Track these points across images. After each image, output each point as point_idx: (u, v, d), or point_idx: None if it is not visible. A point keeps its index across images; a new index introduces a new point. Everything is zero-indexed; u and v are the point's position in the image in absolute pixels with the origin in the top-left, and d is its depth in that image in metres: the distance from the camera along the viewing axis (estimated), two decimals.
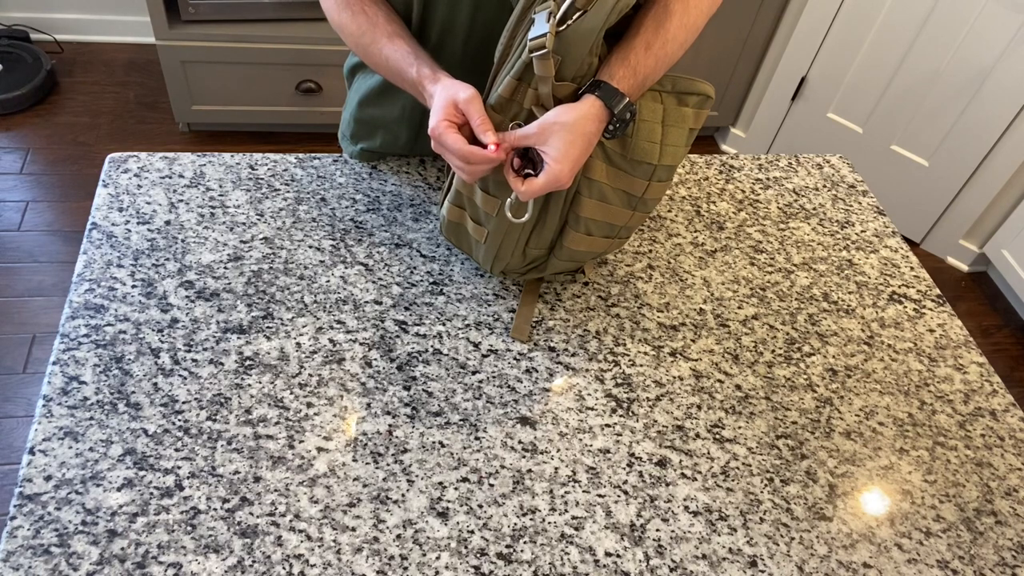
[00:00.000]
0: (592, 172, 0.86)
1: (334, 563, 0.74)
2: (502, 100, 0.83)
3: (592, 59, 0.81)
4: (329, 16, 0.96)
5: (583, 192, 0.88)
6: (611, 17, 0.78)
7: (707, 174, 1.23)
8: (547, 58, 0.78)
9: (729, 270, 1.09)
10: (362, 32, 0.93)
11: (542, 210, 0.90)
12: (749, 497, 0.85)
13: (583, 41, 0.78)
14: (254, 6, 2.17)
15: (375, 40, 0.92)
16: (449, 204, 0.93)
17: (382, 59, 0.92)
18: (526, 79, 0.81)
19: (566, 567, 0.77)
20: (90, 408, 0.82)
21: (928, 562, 0.83)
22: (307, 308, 0.94)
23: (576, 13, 0.77)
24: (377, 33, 0.92)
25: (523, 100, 0.82)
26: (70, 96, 2.50)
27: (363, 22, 0.93)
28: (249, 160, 1.10)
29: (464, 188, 0.90)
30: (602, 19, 0.77)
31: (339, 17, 0.94)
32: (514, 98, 0.83)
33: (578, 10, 0.77)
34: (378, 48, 0.92)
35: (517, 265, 0.96)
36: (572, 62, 0.79)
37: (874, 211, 1.24)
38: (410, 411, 0.87)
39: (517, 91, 0.82)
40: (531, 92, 0.82)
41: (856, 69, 2.33)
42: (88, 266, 0.94)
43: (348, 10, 0.93)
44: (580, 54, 0.79)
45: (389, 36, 0.92)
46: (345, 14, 0.94)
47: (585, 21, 0.77)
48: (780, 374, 0.98)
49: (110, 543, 0.73)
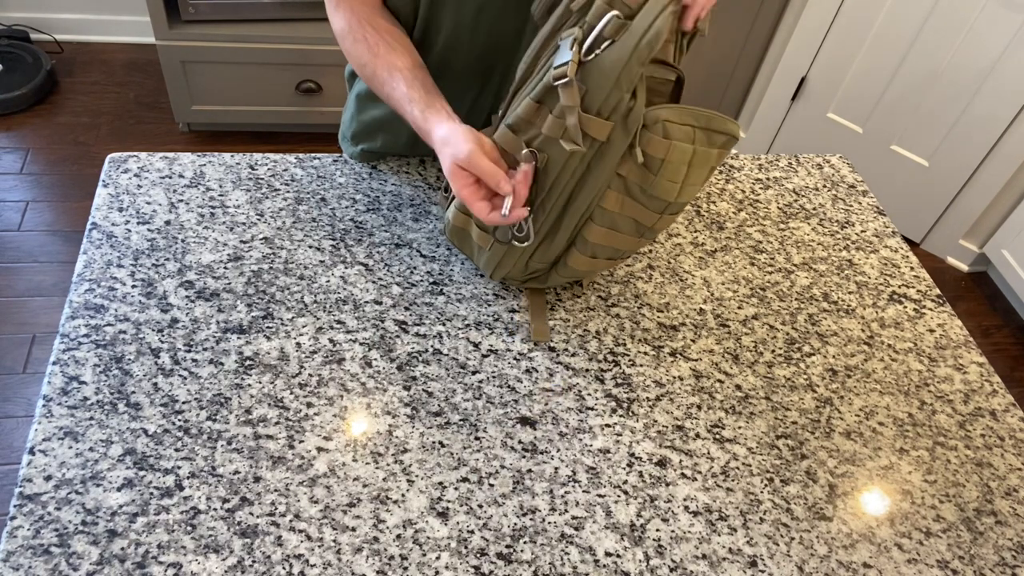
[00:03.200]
0: (607, 203, 0.85)
1: (334, 563, 0.74)
2: (520, 121, 0.82)
3: (623, 95, 0.77)
4: (339, 41, 0.97)
5: (595, 220, 0.87)
6: (640, 50, 0.74)
7: None
8: (571, 86, 0.76)
9: (729, 270, 1.09)
10: (363, 63, 0.94)
11: (551, 230, 0.89)
12: (749, 497, 0.85)
13: (609, 73, 0.76)
14: (254, 6, 2.17)
15: (376, 73, 0.93)
16: (455, 210, 0.93)
17: (383, 94, 0.94)
18: (548, 103, 0.80)
19: (566, 567, 0.77)
20: (90, 408, 0.82)
21: (928, 562, 0.83)
22: (307, 308, 0.94)
23: (604, 43, 0.75)
24: (378, 65, 0.92)
25: (542, 124, 0.81)
26: (70, 96, 2.50)
27: (364, 51, 0.93)
28: (249, 160, 1.10)
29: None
30: (629, 51, 0.74)
31: (343, 43, 0.95)
32: (533, 121, 0.82)
33: (605, 39, 0.75)
34: (379, 82, 0.93)
35: (518, 275, 0.96)
36: (597, 94, 0.77)
37: (874, 211, 1.24)
38: (410, 411, 0.87)
39: (537, 114, 0.81)
40: (556, 121, 0.80)
41: (856, 69, 2.33)
42: (88, 266, 0.94)
43: (351, 36, 0.94)
44: (606, 86, 0.76)
45: (388, 70, 0.92)
46: (348, 40, 0.94)
47: (612, 52, 0.75)
48: (780, 374, 0.98)
49: (110, 543, 0.73)
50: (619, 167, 0.83)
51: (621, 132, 0.80)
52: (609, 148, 0.81)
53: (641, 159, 0.80)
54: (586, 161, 0.83)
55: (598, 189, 0.84)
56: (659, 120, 0.79)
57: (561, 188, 0.85)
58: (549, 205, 0.86)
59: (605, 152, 0.81)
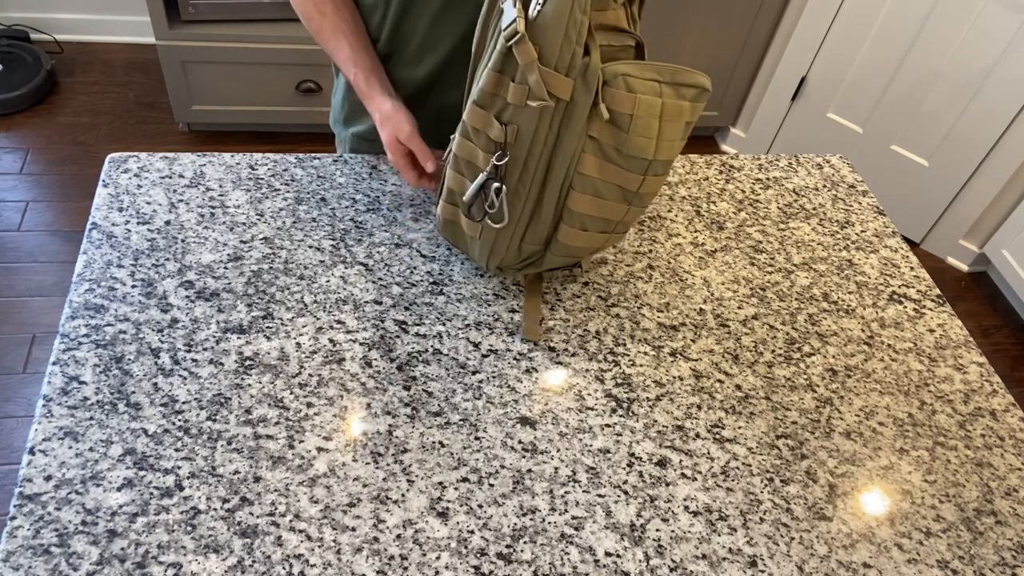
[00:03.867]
0: (584, 167, 0.85)
1: (334, 563, 0.74)
2: (485, 95, 0.83)
3: (575, 47, 0.78)
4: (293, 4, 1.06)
5: (576, 187, 0.87)
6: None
7: (707, 174, 1.24)
8: (524, 42, 0.77)
9: (729, 270, 1.09)
10: (310, 18, 1.04)
11: (536, 205, 0.89)
12: (749, 497, 0.85)
13: (556, 24, 0.76)
14: (254, 6, 2.17)
15: (321, 29, 1.04)
16: (443, 203, 0.94)
17: (328, 50, 1.05)
18: (507, 71, 0.81)
19: (566, 567, 0.77)
20: (90, 408, 0.82)
21: (928, 562, 0.83)
22: (307, 308, 0.94)
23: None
24: (324, 24, 1.03)
25: (506, 94, 0.81)
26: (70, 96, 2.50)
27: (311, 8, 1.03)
28: (249, 160, 1.10)
29: (456, 186, 0.90)
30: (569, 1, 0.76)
31: (299, 7, 1.05)
32: (497, 92, 0.82)
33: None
34: (324, 40, 1.05)
35: (513, 260, 0.95)
36: (550, 49, 0.78)
37: (874, 211, 1.24)
38: (410, 411, 0.87)
39: (500, 84, 0.82)
40: (519, 88, 0.80)
41: (856, 69, 2.33)
42: (88, 266, 0.94)
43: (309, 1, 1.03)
44: (556, 39, 0.77)
45: (333, 31, 1.03)
46: (303, 5, 1.04)
47: (552, 3, 0.76)
48: (780, 374, 0.98)
49: (110, 543, 0.73)
50: (589, 128, 0.83)
51: (583, 89, 0.80)
52: (574, 108, 0.81)
53: (607, 115, 0.81)
54: (555, 127, 0.83)
55: (572, 153, 0.84)
56: (619, 74, 0.79)
57: (536, 159, 0.85)
58: (528, 179, 0.86)
59: (571, 113, 0.82)
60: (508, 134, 0.83)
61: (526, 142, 0.83)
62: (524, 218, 0.90)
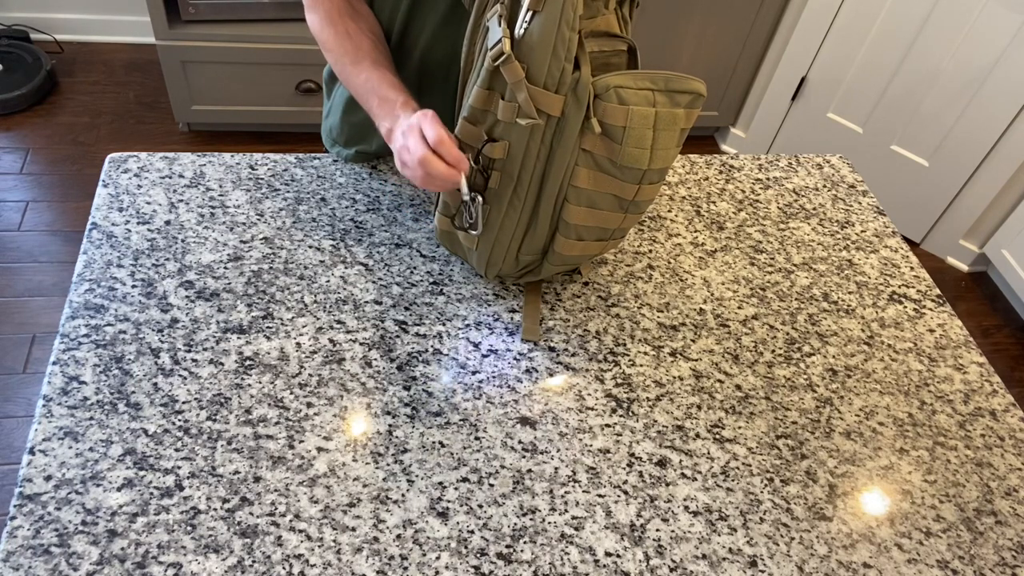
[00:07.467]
0: (578, 180, 0.85)
1: (334, 563, 0.74)
2: (475, 111, 0.82)
3: (564, 64, 0.77)
4: (313, 31, 0.98)
5: (570, 200, 0.86)
6: (566, 13, 0.74)
7: (707, 174, 1.24)
8: (511, 62, 0.76)
9: (729, 270, 1.09)
10: (343, 52, 0.95)
11: (531, 217, 0.89)
12: (749, 497, 0.85)
13: (543, 42, 0.76)
14: (254, 6, 2.17)
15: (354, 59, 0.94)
16: (439, 215, 0.93)
17: (351, 76, 0.94)
18: (496, 88, 0.80)
19: (566, 567, 0.77)
20: (90, 408, 0.82)
21: (928, 562, 0.83)
22: (307, 308, 0.94)
23: (529, 14, 0.75)
24: (360, 56, 0.93)
25: (496, 110, 0.81)
26: (70, 96, 2.50)
27: (347, 45, 0.94)
28: (249, 160, 1.10)
29: (451, 199, 0.90)
30: (556, 16, 0.74)
31: (322, 34, 0.96)
32: (487, 108, 0.81)
33: (529, 10, 0.75)
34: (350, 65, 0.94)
35: (511, 270, 0.96)
36: (538, 67, 0.77)
37: (874, 211, 1.24)
38: (410, 411, 0.87)
39: (489, 100, 0.81)
40: (508, 105, 0.79)
41: (856, 69, 2.33)
42: (88, 266, 0.94)
43: (331, 28, 0.94)
44: (544, 57, 0.76)
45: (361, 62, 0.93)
46: (328, 31, 0.95)
47: (539, 21, 0.75)
48: (780, 374, 0.98)
49: (110, 543, 0.73)
50: (582, 142, 0.82)
51: (574, 105, 0.80)
52: (566, 123, 0.81)
53: (598, 130, 0.80)
54: (548, 142, 0.82)
55: (565, 168, 0.84)
56: (610, 87, 0.79)
57: (530, 173, 0.84)
58: (523, 192, 0.86)
59: (563, 128, 0.81)
60: (497, 150, 0.83)
61: (519, 157, 0.83)
62: (520, 230, 0.90)
